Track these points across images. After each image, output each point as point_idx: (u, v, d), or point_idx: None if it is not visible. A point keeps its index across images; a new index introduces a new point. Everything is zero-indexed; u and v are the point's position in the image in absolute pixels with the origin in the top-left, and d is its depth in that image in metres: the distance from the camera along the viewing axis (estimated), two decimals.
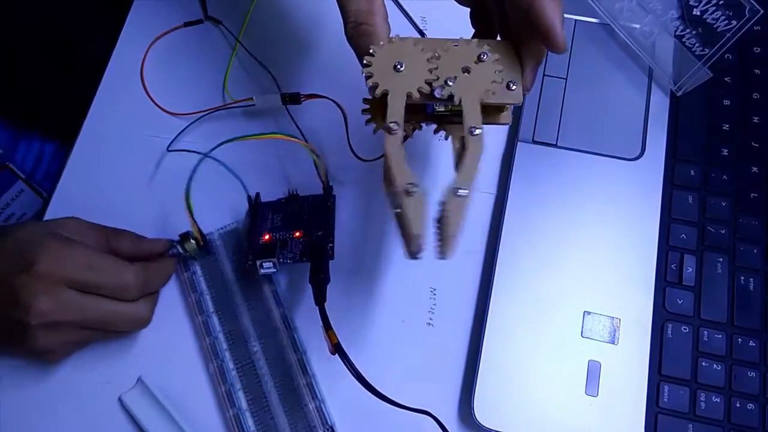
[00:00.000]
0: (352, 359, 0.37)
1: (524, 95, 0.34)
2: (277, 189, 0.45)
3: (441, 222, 0.30)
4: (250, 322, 0.42)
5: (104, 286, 0.39)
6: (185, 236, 0.42)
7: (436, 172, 0.47)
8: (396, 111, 0.32)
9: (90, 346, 0.43)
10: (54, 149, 0.55)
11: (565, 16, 0.50)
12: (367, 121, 0.35)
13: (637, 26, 0.48)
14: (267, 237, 0.42)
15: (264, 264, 0.40)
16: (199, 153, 0.43)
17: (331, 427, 0.40)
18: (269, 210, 0.44)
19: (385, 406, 0.37)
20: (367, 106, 0.35)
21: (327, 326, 0.37)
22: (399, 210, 0.31)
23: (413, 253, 0.32)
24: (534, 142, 0.47)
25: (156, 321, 0.43)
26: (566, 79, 0.48)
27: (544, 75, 0.49)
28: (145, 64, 0.49)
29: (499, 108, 0.35)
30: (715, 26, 0.46)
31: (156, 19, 0.51)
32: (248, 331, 0.42)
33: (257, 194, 0.45)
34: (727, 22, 0.46)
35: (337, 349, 0.37)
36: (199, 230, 0.42)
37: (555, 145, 0.47)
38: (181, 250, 0.42)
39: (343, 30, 0.34)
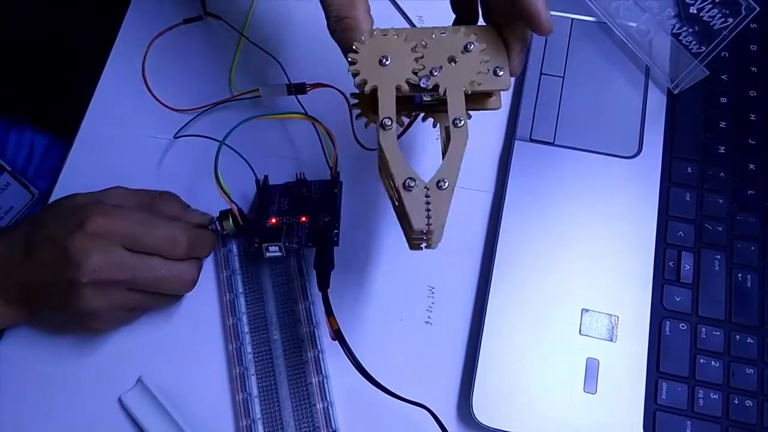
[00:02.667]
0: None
1: (514, 77, 0.35)
2: (284, 175, 0.46)
3: (426, 215, 0.31)
4: (275, 310, 0.43)
5: (154, 238, 0.39)
6: (225, 214, 0.43)
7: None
8: (387, 106, 0.32)
9: (90, 346, 0.43)
10: (46, 143, 0.55)
11: (562, 15, 0.50)
12: (358, 116, 0.35)
13: (634, 24, 0.49)
14: (274, 221, 0.43)
15: (270, 248, 0.40)
16: (206, 137, 0.43)
17: (335, 431, 0.40)
18: (277, 193, 0.44)
19: (384, 400, 0.37)
20: (357, 101, 0.35)
21: (329, 312, 0.38)
22: (398, 204, 0.32)
23: (414, 245, 0.32)
24: (531, 140, 0.47)
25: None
26: (563, 77, 0.48)
27: (541, 74, 0.49)
28: (145, 62, 0.50)
29: (488, 93, 0.35)
30: (711, 24, 0.47)
31: (154, 16, 0.51)
32: (271, 319, 0.43)
33: (265, 177, 0.45)
34: (723, 20, 0.46)
35: (337, 335, 0.37)
36: (240, 210, 0.43)
37: (552, 144, 0.47)
38: (219, 227, 0.43)
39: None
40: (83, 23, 0.58)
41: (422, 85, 0.32)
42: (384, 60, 0.32)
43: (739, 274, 0.43)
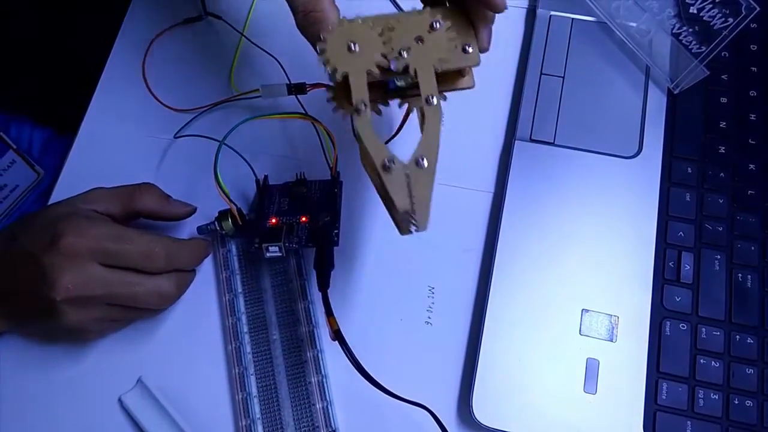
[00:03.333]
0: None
1: (484, 53, 0.35)
2: (284, 175, 0.46)
3: (409, 195, 0.31)
4: (274, 310, 0.43)
5: (129, 253, 0.39)
6: (224, 214, 0.43)
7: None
8: (360, 90, 0.32)
9: (89, 346, 0.43)
10: (46, 137, 0.55)
11: (563, 14, 0.51)
12: (335, 109, 0.35)
13: (634, 24, 0.49)
14: (274, 221, 0.43)
15: (270, 248, 0.40)
16: (206, 137, 0.44)
17: (334, 431, 0.40)
18: (277, 193, 0.44)
19: (384, 400, 0.37)
20: (332, 94, 0.35)
21: (329, 313, 0.38)
22: (381, 187, 0.32)
23: (404, 229, 0.32)
24: (531, 140, 0.47)
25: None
26: (563, 77, 0.48)
27: (541, 74, 0.49)
28: (145, 62, 0.50)
29: (460, 72, 0.35)
30: (711, 24, 0.47)
31: (154, 16, 0.52)
32: (270, 318, 0.43)
33: (265, 176, 0.45)
34: (723, 19, 0.46)
35: (337, 335, 0.37)
36: (239, 210, 0.43)
37: (552, 144, 0.47)
38: (218, 227, 0.43)
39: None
40: (83, 23, 0.59)
41: (392, 67, 0.33)
42: (353, 46, 0.32)
43: (739, 274, 0.43)
